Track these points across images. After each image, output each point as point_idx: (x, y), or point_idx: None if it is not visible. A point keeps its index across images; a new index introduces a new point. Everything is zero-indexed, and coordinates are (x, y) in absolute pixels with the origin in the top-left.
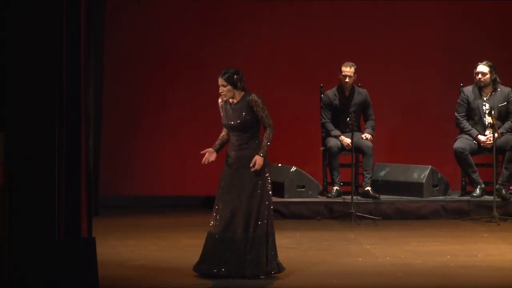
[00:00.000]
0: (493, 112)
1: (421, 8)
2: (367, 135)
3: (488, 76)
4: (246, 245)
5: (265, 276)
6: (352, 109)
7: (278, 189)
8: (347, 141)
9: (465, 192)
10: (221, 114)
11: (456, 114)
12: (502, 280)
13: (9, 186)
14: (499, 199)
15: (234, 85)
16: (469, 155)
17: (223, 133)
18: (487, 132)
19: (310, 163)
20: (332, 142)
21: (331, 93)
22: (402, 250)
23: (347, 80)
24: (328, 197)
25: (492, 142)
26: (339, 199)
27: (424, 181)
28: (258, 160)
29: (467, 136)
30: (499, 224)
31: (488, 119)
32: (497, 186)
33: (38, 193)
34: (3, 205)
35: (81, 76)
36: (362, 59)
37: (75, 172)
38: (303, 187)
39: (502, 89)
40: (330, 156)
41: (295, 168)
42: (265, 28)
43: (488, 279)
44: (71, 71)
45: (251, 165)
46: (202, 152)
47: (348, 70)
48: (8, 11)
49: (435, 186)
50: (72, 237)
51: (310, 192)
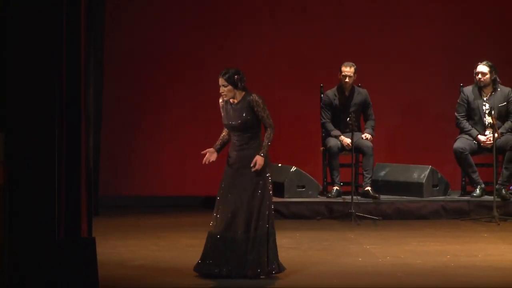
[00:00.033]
0: (493, 112)
1: (421, 8)
2: (367, 135)
3: (488, 76)
4: (247, 245)
5: (266, 276)
6: (352, 109)
7: (278, 189)
8: (347, 141)
9: (465, 192)
10: (222, 114)
11: (456, 114)
12: (502, 280)
13: (9, 186)
14: (499, 199)
15: (235, 85)
16: (469, 155)
17: (224, 133)
18: (487, 132)
19: (310, 163)
20: (332, 142)
21: (331, 93)
22: (402, 250)
23: (347, 80)
24: (328, 197)
25: (492, 142)
26: (339, 199)
27: (424, 181)
28: (259, 160)
29: (467, 136)
30: (499, 224)
31: (488, 119)
32: (497, 186)
33: (38, 193)
34: (3, 205)
35: (81, 76)
36: (362, 59)
37: (75, 172)
38: (303, 187)
39: (502, 89)
40: (330, 156)
41: (295, 168)
42: (265, 28)
43: (488, 279)
44: (71, 71)
45: (251, 165)
46: (202, 152)
47: (348, 70)
48: (8, 11)
49: (435, 186)
50: (72, 237)
51: (310, 192)
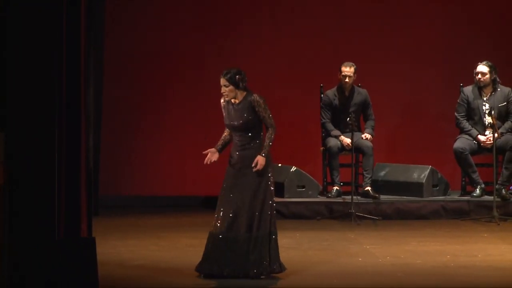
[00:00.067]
0: (493, 112)
1: (421, 8)
2: (367, 135)
3: (488, 76)
4: (249, 245)
5: (268, 276)
6: (352, 109)
7: (278, 189)
8: (347, 141)
9: (465, 192)
10: (224, 114)
11: (456, 114)
12: (502, 280)
13: (9, 186)
14: (499, 199)
15: (236, 85)
16: (469, 155)
17: (225, 133)
18: (487, 132)
19: (310, 163)
20: (332, 142)
21: (331, 93)
22: (402, 250)
23: (347, 80)
24: (328, 197)
25: (492, 142)
26: (339, 199)
27: (424, 181)
28: (260, 160)
29: (467, 136)
30: (499, 224)
31: (488, 119)
32: (497, 186)
33: (38, 193)
34: (3, 205)
35: (81, 76)
36: (362, 59)
37: (75, 172)
38: (303, 187)
39: (502, 89)
40: (330, 156)
41: (295, 168)
42: (265, 28)
43: (488, 279)
44: (71, 71)
45: (252, 165)
46: (204, 152)
47: (348, 70)
48: (8, 11)
49: (435, 186)
50: (72, 237)
51: (310, 192)
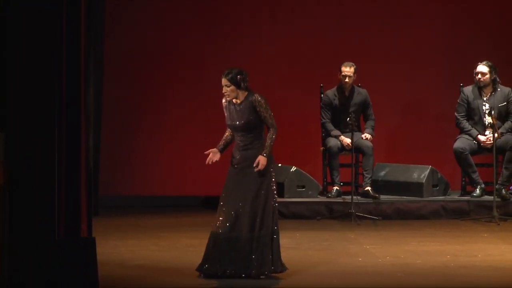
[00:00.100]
0: (493, 112)
1: (421, 8)
2: (367, 135)
3: (487, 76)
4: (252, 244)
5: (269, 276)
6: (352, 109)
7: (278, 189)
8: (347, 141)
9: (465, 192)
10: (225, 114)
11: (456, 114)
12: (502, 280)
13: (9, 186)
14: (499, 199)
15: (238, 85)
16: (469, 155)
17: (227, 133)
18: (487, 132)
19: (310, 163)
20: (332, 142)
21: (331, 93)
22: (402, 250)
23: (347, 80)
24: (328, 197)
25: (492, 142)
26: (339, 199)
27: (424, 181)
28: (262, 160)
29: (467, 136)
30: (499, 224)
31: (488, 119)
32: (497, 186)
33: (38, 193)
34: (3, 205)
35: (81, 76)
36: (362, 59)
37: (75, 172)
38: (303, 187)
39: (502, 89)
40: (330, 156)
41: (295, 168)
42: (265, 28)
43: (488, 279)
44: (71, 71)
45: (254, 165)
46: (206, 153)
47: (348, 70)
48: (8, 11)
49: (435, 186)
50: (72, 237)
51: (310, 192)
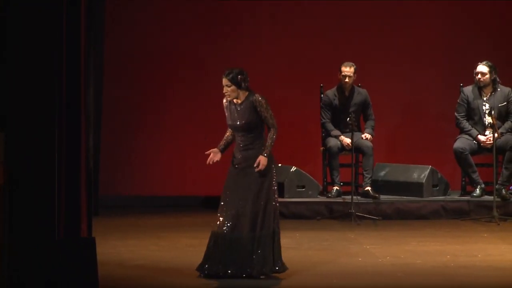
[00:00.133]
0: (493, 112)
1: (421, 8)
2: (367, 135)
3: (487, 76)
4: (253, 244)
5: (270, 275)
6: (352, 109)
7: (278, 189)
8: (347, 141)
9: (465, 192)
10: (226, 114)
11: (456, 114)
12: (502, 280)
13: (9, 186)
14: (499, 199)
15: (238, 85)
16: (469, 155)
17: (227, 133)
18: (487, 132)
19: (310, 163)
20: (332, 142)
21: (331, 93)
22: (402, 250)
23: (347, 80)
24: (328, 197)
25: (492, 142)
26: (339, 199)
27: (424, 181)
28: (262, 160)
29: (467, 136)
30: (499, 224)
31: (488, 119)
32: (497, 186)
33: (38, 193)
34: (3, 205)
35: (81, 76)
36: (362, 59)
37: (75, 172)
38: (303, 187)
39: (502, 89)
40: (330, 156)
41: (295, 168)
42: (265, 28)
43: (488, 279)
44: (71, 71)
45: (255, 165)
46: (206, 153)
47: (348, 70)
48: (8, 11)
49: (435, 186)
50: (72, 237)
51: (310, 192)
